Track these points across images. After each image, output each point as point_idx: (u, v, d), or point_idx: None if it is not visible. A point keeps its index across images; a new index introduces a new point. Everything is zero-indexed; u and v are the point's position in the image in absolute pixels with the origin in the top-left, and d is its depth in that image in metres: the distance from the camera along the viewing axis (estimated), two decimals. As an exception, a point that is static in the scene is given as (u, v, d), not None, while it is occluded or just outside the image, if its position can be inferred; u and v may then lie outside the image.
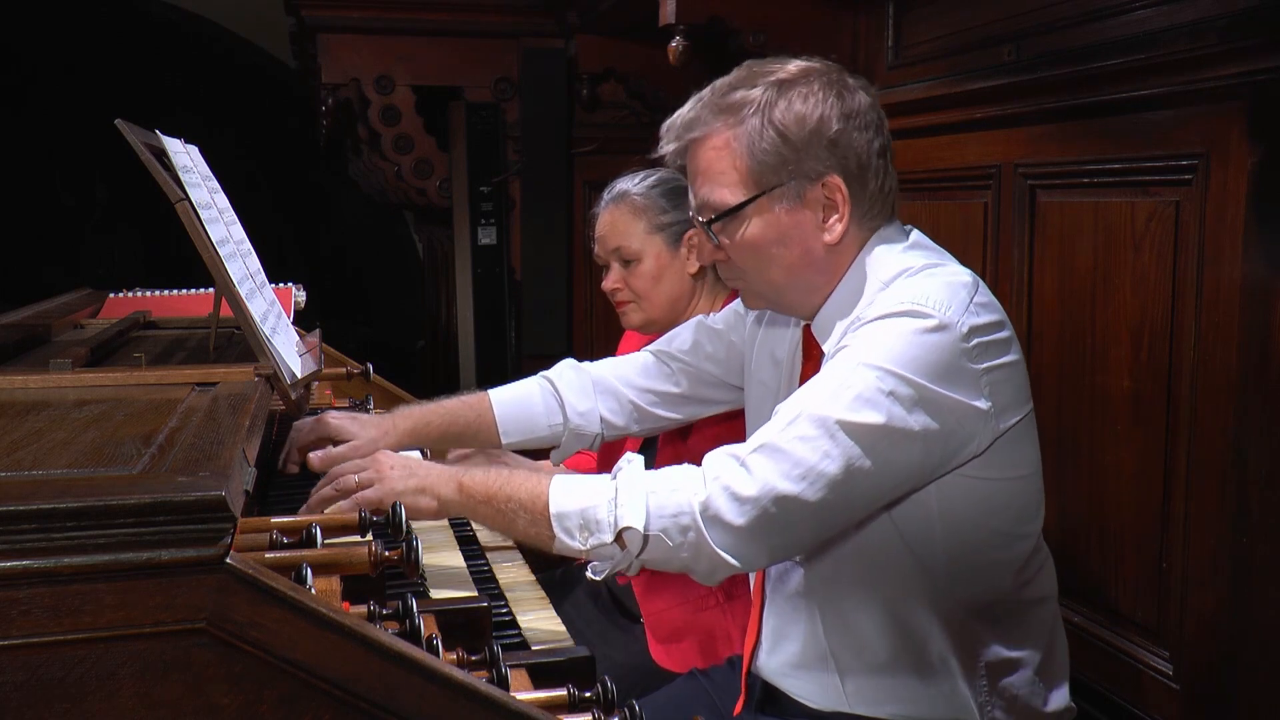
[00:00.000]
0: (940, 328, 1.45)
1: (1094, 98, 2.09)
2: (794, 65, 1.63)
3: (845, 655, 1.63)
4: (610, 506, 1.48)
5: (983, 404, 1.48)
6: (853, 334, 1.52)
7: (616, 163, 2.55)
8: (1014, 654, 1.61)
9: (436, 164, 4.56)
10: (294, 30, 4.94)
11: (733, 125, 1.59)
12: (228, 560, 0.94)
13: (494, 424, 1.98)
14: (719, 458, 1.49)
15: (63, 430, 1.28)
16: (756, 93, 1.59)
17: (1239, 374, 1.80)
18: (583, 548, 1.51)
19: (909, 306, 1.48)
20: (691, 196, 1.67)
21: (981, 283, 1.58)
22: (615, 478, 1.52)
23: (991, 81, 2.36)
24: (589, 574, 1.56)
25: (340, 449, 1.88)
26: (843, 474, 1.44)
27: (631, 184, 2.39)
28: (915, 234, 1.69)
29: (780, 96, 1.58)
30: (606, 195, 2.43)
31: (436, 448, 2.06)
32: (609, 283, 2.41)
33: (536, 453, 2.18)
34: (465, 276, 4.47)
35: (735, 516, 1.44)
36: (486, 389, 2.04)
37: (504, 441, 1.99)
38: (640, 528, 1.46)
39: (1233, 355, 1.81)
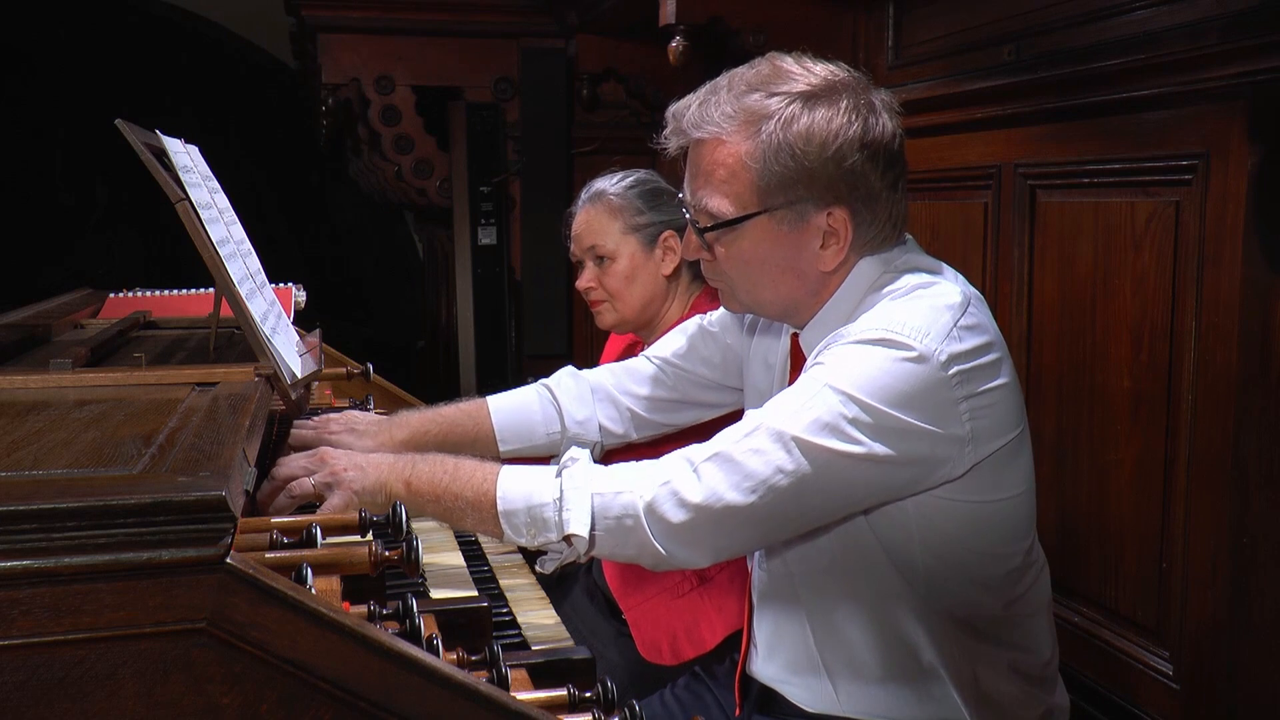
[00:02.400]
0: (917, 358, 1.42)
1: (1094, 98, 2.09)
2: (820, 73, 1.55)
3: (836, 663, 1.62)
4: (556, 507, 1.48)
5: (958, 431, 1.45)
6: (827, 351, 1.49)
7: (616, 163, 2.55)
8: (1004, 664, 1.60)
9: (436, 164, 4.56)
10: (294, 30, 4.94)
11: (746, 136, 1.51)
12: (228, 560, 0.94)
13: (492, 432, 1.96)
14: (673, 460, 1.49)
15: (63, 430, 1.28)
16: (778, 104, 1.51)
17: (1239, 374, 1.80)
18: (530, 544, 1.52)
19: (885, 334, 1.44)
20: (687, 190, 1.62)
21: (975, 301, 1.53)
22: (560, 475, 1.51)
23: (991, 81, 2.36)
24: (538, 567, 1.57)
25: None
26: (792, 489, 1.43)
27: (609, 184, 2.40)
28: (910, 250, 1.62)
29: (804, 112, 1.50)
30: (584, 194, 2.44)
31: None
32: (583, 281, 2.41)
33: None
34: (465, 276, 4.47)
35: (677, 518, 1.45)
36: (486, 394, 2.03)
37: (501, 450, 1.96)
38: (584, 533, 1.46)
39: (1233, 355, 1.81)
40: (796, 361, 1.70)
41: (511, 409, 1.99)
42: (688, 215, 1.63)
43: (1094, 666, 2.16)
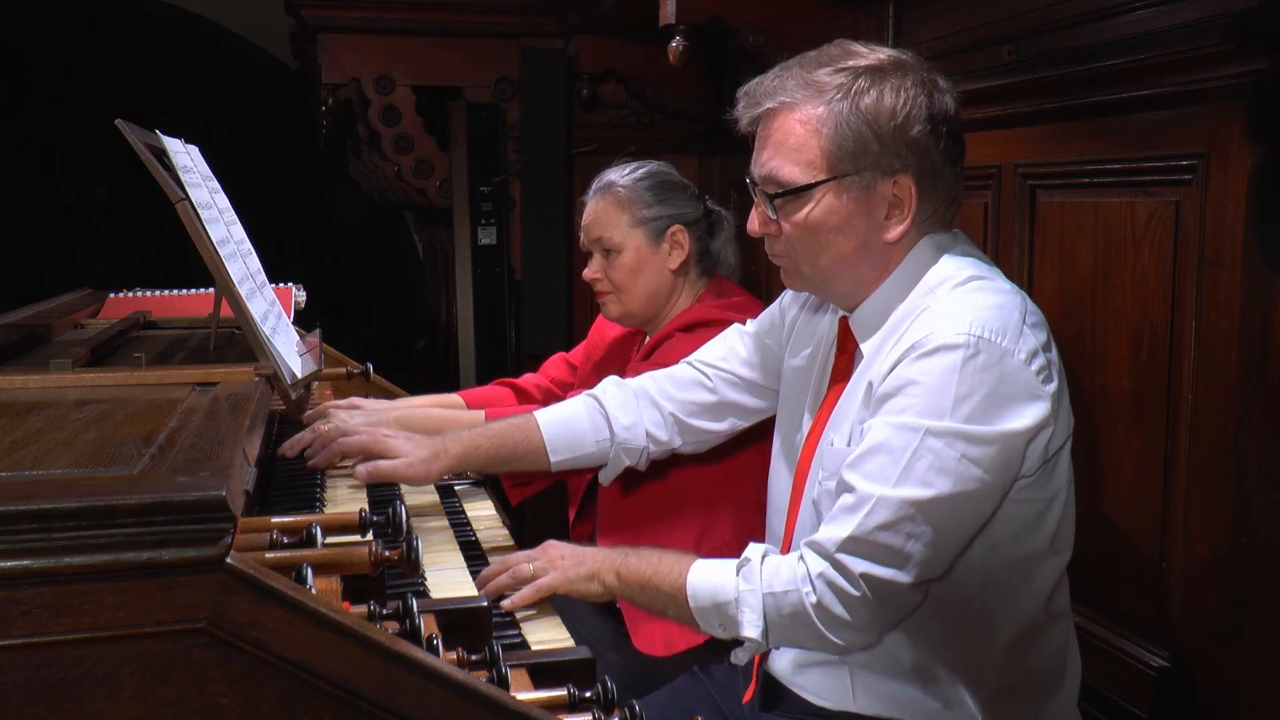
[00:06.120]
0: (1001, 357, 1.46)
1: (1094, 98, 2.09)
2: (886, 52, 1.63)
3: (860, 654, 1.64)
4: (736, 607, 1.55)
5: (1050, 425, 1.50)
6: (909, 365, 1.50)
7: (630, 153, 2.56)
8: (1025, 670, 1.62)
9: (436, 164, 4.56)
10: (294, 30, 4.94)
11: (818, 104, 1.57)
12: (228, 560, 0.94)
13: (542, 444, 2.00)
14: (813, 557, 1.53)
15: (63, 430, 1.28)
16: (848, 76, 1.58)
17: (1239, 374, 1.80)
18: (723, 636, 1.60)
19: (962, 337, 1.47)
20: (754, 164, 1.66)
21: (1027, 298, 1.59)
22: (739, 573, 1.57)
23: (991, 81, 2.36)
24: (731, 659, 1.65)
25: (390, 464, 1.93)
26: (931, 548, 1.48)
27: (619, 175, 2.41)
28: (962, 239, 1.69)
29: (873, 85, 1.56)
30: (595, 184, 2.45)
31: (485, 471, 2.08)
32: (589, 272, 2.42)
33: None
34: (465, 276, 4.47)
35: (850, 616, 1.50)
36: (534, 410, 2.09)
37: (552, 459, 2.01)
38: (758, 635, 1.54)
39: (1233, 355, 1.81)
40: (843, 345, 1.73)
41: (560, 421, 2.03)
42: (755, 189, 1.67)
43: (1094, 666, 2.15)
